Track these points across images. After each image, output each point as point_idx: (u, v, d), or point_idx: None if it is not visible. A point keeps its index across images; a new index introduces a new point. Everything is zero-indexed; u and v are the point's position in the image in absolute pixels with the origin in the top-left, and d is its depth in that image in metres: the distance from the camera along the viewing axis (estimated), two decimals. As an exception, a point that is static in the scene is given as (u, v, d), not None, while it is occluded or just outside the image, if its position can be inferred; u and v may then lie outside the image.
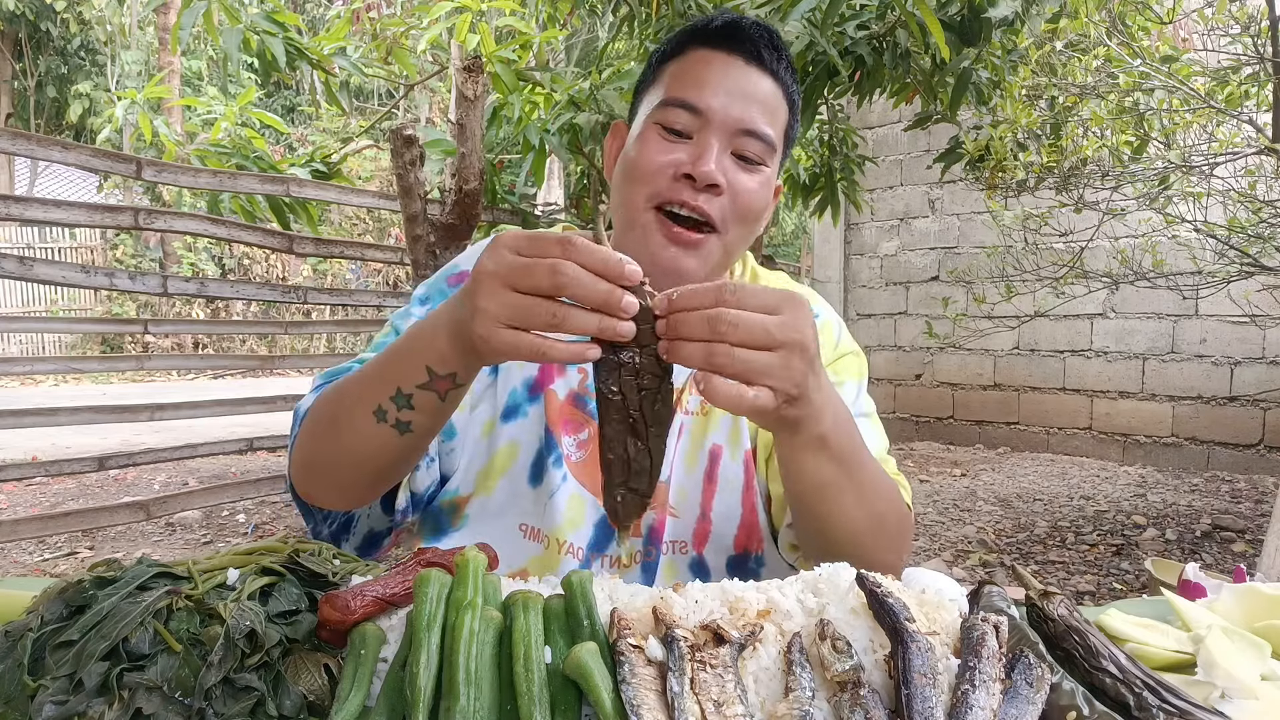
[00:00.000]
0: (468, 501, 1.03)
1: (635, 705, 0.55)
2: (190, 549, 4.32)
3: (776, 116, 1.00)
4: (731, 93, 0.96)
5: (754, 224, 1.01)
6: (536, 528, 1.01)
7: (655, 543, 1.02)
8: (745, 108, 0.96)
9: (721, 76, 0.97)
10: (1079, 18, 3.51)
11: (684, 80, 0.98)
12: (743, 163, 0.97)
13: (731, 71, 0.98)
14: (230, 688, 0.61)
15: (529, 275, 0.68)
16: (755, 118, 0.97)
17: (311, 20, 13.22)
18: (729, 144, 0.96)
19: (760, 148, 0.97)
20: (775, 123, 0.99)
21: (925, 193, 7.13)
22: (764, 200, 1.00)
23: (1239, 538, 4.23)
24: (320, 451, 0.87)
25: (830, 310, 1.14)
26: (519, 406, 1.04)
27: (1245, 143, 3.59)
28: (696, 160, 0.94)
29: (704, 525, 1.03)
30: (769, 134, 0.98)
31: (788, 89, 1.02)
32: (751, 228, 1.01)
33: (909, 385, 7.39)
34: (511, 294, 0.68)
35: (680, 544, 1.03)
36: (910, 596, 0.66)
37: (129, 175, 3.73)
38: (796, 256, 14.13)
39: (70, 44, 16.67)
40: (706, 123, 0.96)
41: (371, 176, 13.42)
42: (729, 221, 0.97)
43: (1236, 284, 4.18)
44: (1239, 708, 0.63)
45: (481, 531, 1.02)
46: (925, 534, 4.44)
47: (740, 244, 1.02)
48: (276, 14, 3.53)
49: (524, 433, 1.03)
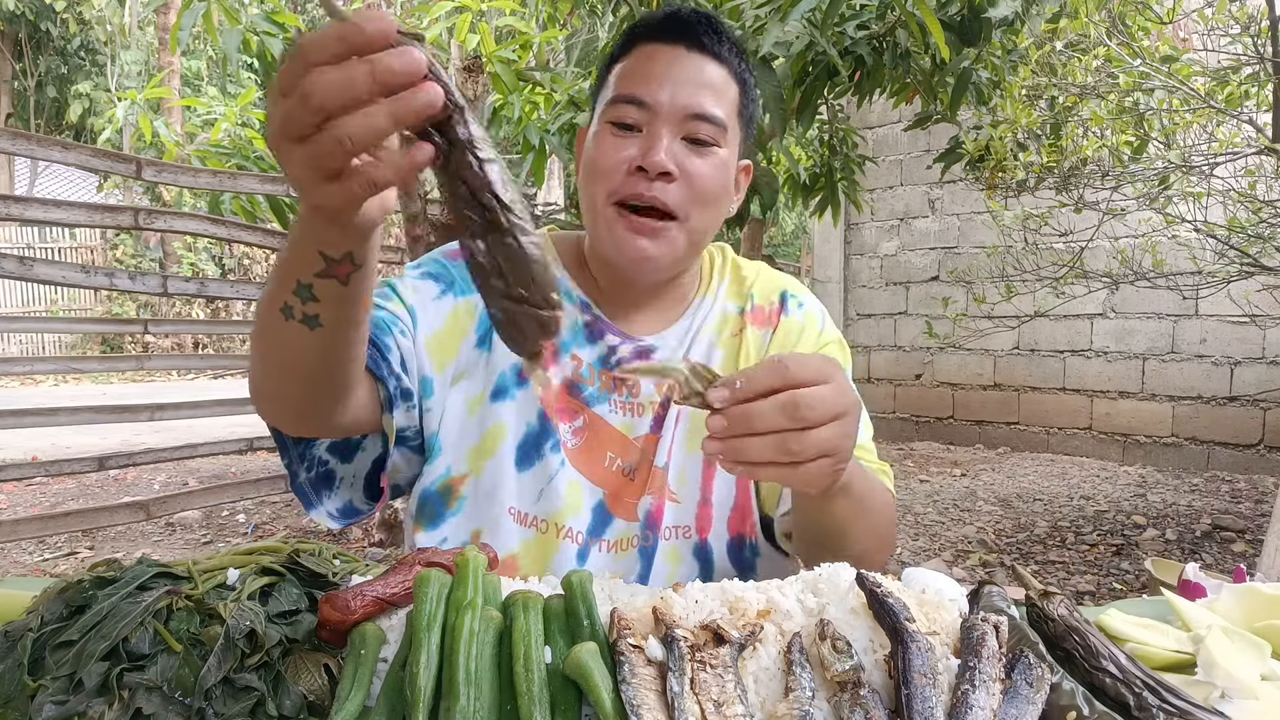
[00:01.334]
0: (463, 482, 1.03)
1: (635, 705, 0.55)
2: (190, 549, 4.32)
3: (724, 96, 1.01)
4: (676, 81, 0.99)
5: (715, 206, 1.02)
6: (526, 512, 1.02)
7: (652, 528, 1.03)
8: (690, 93, 0.98)
9: (664, 67, 1.00)
10: (1079, 18, 3.51)
11: (630, 77, 1.01)
12: (695, 146, 0.99)
13: (674, 61, 1.00)
14: (230, 688, 0.61)
15: (292, 121, 0.55)
16: (701, 101, 0.99)
17: (311, 20, 13.21)
18: (679, 131, 0.98)
19: (710, 129, 0.99)
20: (724, 102, 1.01)
21: (925, 193, 7.13)
22: (721, 181, 1.01)
23: (1239, 538, 4.23)
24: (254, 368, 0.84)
25: (813, 299, 1.15)
26: (508, 389, 1.04)
27: (1245, 143, 3.59)
28: (647, 152, 0.96)
29: (705, 510, 1.05)
30: (717, 115, 0.99)
31: (734, 68, 1.03)
32: (714, 210, 1.02)
33: (909, 385, 7.39)
34: (295, 146, 0.56)
35: (683, 529, 1.04)
36: (910, 596, 0.66)
37: (129, 175, 3.73)
38: (796, 256, 14.13)
39: (70, 44, 16.68)
40: (654, 114, 0.98)
41: (371, 176, 13.39)
42: (688, 207, 0.99)
43: (1236, 284, 4.18)
44: (1239, 708, 0.63)
45: (477, 515, 1.02)
46: (925, 534, 4.44)
47: (706, 228, 1.03)
48: (276, 14, 3.53)
49: (511, 416, 1.03)
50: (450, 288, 1.06)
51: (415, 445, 1.04)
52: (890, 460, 6.56)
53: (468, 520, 1.02)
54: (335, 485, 1.02)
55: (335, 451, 1.01)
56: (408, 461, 1.04)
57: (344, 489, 1.02)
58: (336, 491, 1.02)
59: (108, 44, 16.12)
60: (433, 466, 1.03)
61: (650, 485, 1.03)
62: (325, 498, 1.01)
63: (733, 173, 1.05)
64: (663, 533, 1.03)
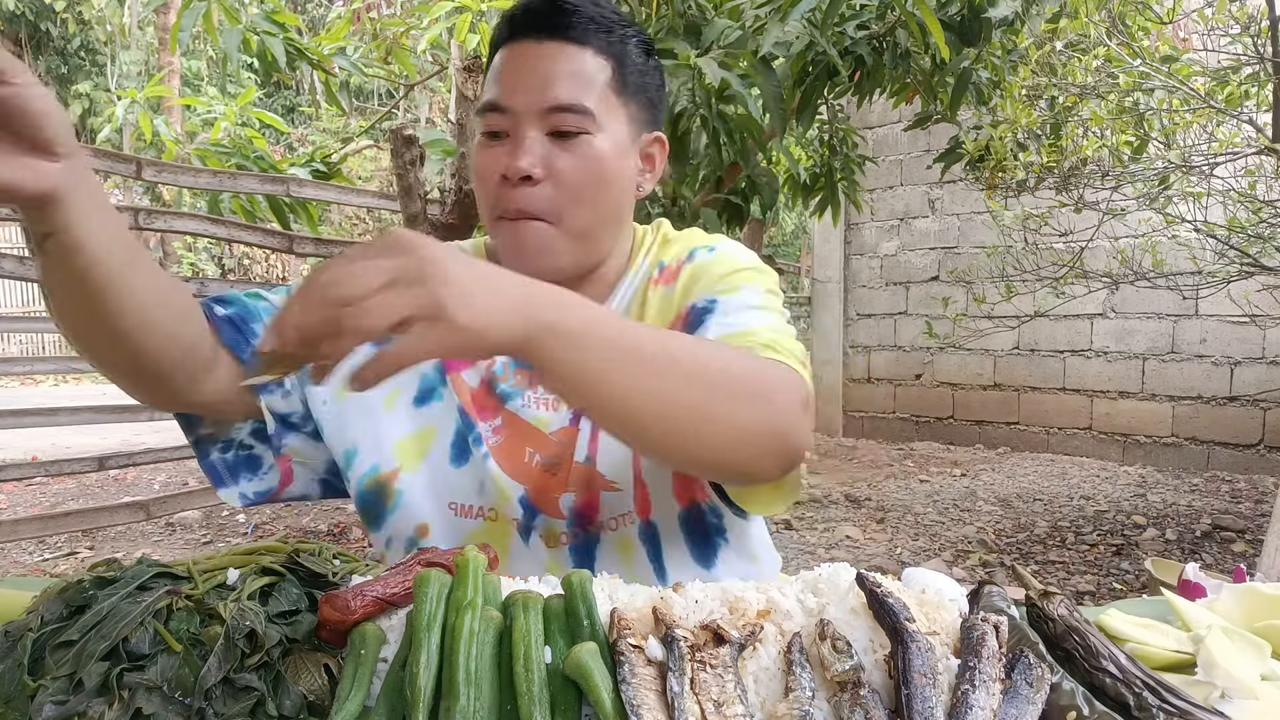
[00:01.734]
0: (396, 477, 1.01)
1: (635, 705, 0.55)
2: (190, 549, 4.32)
3: (587, 78, 0.96)
4: (529, 77, 0.95)
5: (597, 197, 0.97)
6: (469, 505, 1.01)
7: (582, 524, 1.00)
8: (545, 86, 0.94)
9: (518, 65, 0.96)
10: (1079, 18, 3.51)
11: (492, 82, 0.98)
12: (562, 141, 0.95)
13: (527, 56, 0.96)
14: (230, 688, 0.61)
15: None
16: (557, 93, 0.94)
17: (311, 20, 13.22)
18: (544, 127, 0.95)
19: (574, 119, 0.94)
20: (588, 85, 0.96)
21: (925, 193, 7.13)
22: (596, 171, 0.96)
23: (1239, 538, 4.24)
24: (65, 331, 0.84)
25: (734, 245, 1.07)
26: (434, 389, 1.04)
27: (1245, 143, 3.59)
28: (508, 159, 0.94)
29: (641, 490, 1.01)
30: (578, 102, 0.94)
31: (600, 43, 0.97)
32: (596, 202, 0.97)
33: (909, 385, 7.39)
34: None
35: (626, 515, 1.00)
36: (910, 596, 0.66)
37: (129, 175, 3.73)
38: (796, 256, 14.13)
39: (70, 44, 16.68)
40: (515, 117, 0.95)
41: (371, 176, 13.43)
42: (560, 208, 0.95)
43: (1236, 284, 4.18)
44: (1239, 708, 0.63)
45: (419, 511, 1.01)
46: (925, 534, 4.44)
47: (594, 223, 0.98)
48: (276, 14, 3.53)
49: (442, 416, 1.03)
50: None
51: (310, 432, 1.03)
52: (890, 460, 6.58)
53: (410, 516, 1.01)
54: (261, 470, 1.02)
55: (260, 436, 1.01)
56: (312, 447, 1.03)
57: (271, 475, 1.03)
58: (261, 476, 1.02)
59: (108, 44, 16.12)
60: (354, 469, 1.02)
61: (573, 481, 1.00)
62: (245, 479, 1.01)
63: (621, 156, 0.99)
64: (605, 525, 1.00)
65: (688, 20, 3.16)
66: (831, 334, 7.81)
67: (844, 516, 4.80)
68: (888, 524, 4.64)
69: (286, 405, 1.01)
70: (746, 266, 1.02)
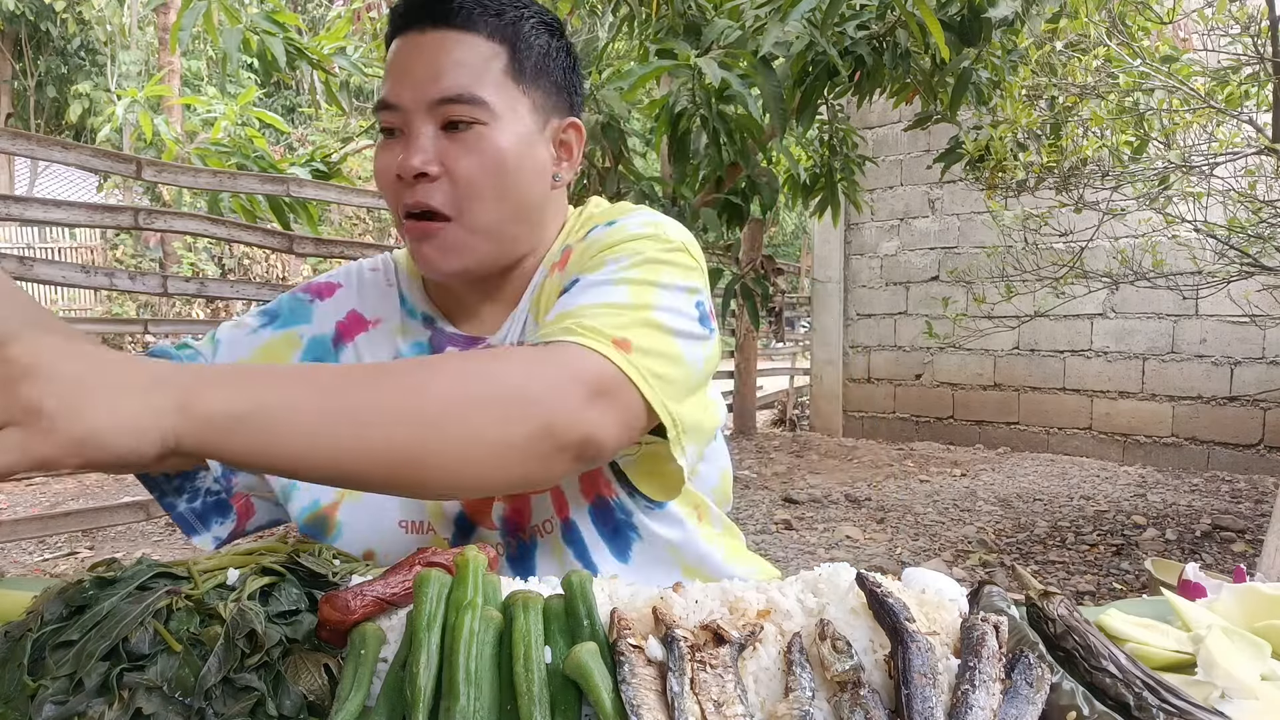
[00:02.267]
0: (336, 508, 0.98)
1: (635, 705, 0.55)
2: (190, 549, 4.32)
3: (478, 66, 0.90)
4: (415, 69, 0.90)
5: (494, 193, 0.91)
6: (419, 520, 0.98)
7: (514, 532, 0.97)
8: (433, 79, 0.89)
9: (404, 59, 0.91)
10: (1079, 18, 3.51)
11: (385, 79, 0.93)
12: (455, 134, 0.90)
13: (411, 49, 0.91)
14: (230, 688, 0.61)
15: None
16: (442, 85, 0.89)
17: (311, 20, 13.22)
18: (436, 121, 0.90)
19: (464, 109, 0.89)
20: (479, 74, 0.90)
21: (925, 193, 7.13)
22: (494, 163, 0.90)
23: (1239, 538, 4.24)
24: None
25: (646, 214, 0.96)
26: None
27: (1245, 143, 3.59)
28: (401, 157, 0.89)
29: (557, 491, 0.96)
30: (468, 92, 0.89)
31: (490, 28, 0.91)
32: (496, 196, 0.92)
33: (909, 385, 7.39)
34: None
35: (548, 521, 0.97)
36: (910, 596, 0.66)
37: (129, 175, 3.73)
38: (796, 256, 14.15)
39: (70, 44, 16.68)
40: (405, 114, 0.90)
41: (371, 176, 13.40)
42: (459, 204, 0.90)
43: (1236, 284, 4.18)
44: (1239, 708, 0.63)
45: (362, 537, 0.97)
46: (925, 534, 4.44)
47: (499, 219, 0.93)
48: (276, 14, 3.53)
49: None
50: (273, 322, 1.03)
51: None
52: (890, 460, 6.58)
53: (352, 545, 0.96)
54: (230, 514, 1.01)
55: (226, 480, 1.00)
56: (260, 481, 1.01)
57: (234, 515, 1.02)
58: (232, 518, 1.01)
59: (108, 44, 16.12)
60: (294, 503, 0.99)
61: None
62: (216, 524, 1.00)
63: (524, 143, 0.92)
64: (539, 529, 0.97)
65: (688, 20, 3.16)
66: (831, 334, 7.81)
67: (844, 516, 4.80)
68: (888, 524, 4.64)
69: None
70: (634, 236, 0.91)
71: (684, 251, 0.92)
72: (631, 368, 0.78)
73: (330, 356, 1.03)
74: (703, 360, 0.89)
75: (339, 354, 1.03)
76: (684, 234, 0.95)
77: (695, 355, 0.87)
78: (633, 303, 0.83)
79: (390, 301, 1.05)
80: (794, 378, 8.97)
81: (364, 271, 1.08)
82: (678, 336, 0.85)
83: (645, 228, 0.92)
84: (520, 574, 0.92)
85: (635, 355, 0.79)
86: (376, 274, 1.08)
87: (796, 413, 8.78)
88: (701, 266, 0.94)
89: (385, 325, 1.04)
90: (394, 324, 1.04)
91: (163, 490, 0.99)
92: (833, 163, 4.18)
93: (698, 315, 0.90)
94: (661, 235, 0.92)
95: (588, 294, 0.84)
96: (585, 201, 1.06)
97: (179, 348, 1.00)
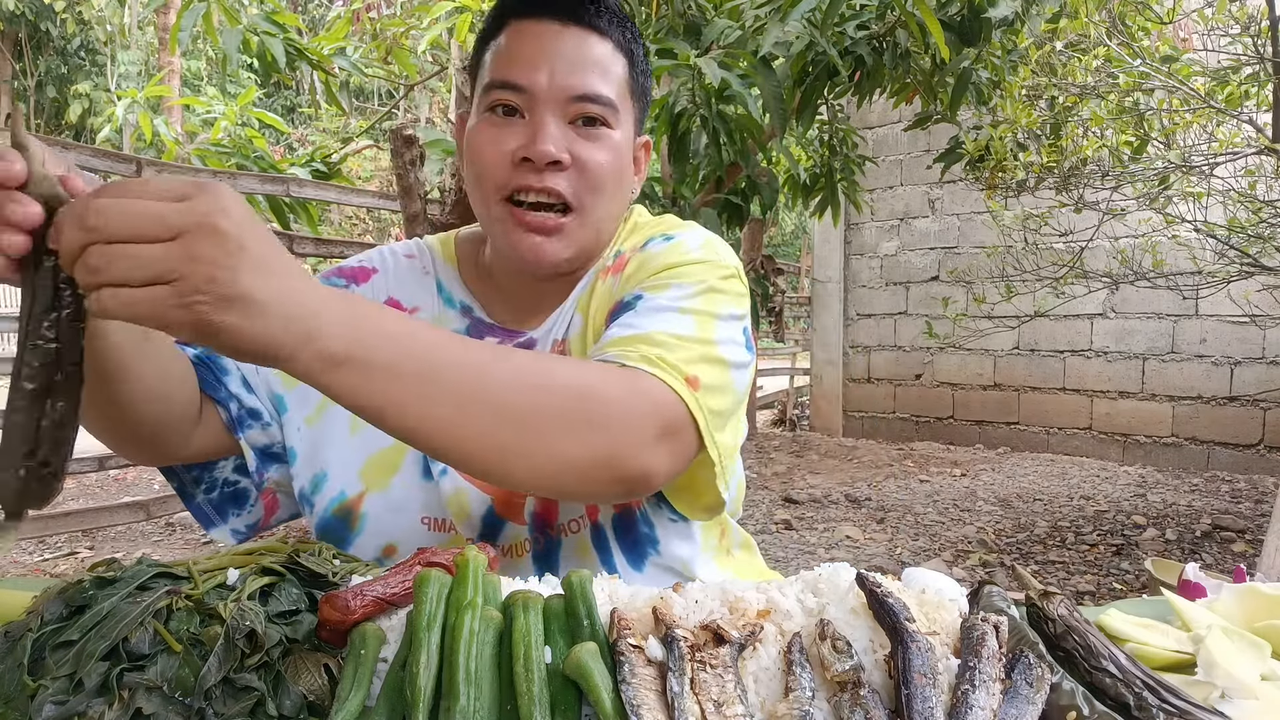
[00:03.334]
0: (361, 500, 0.98)
1: (635, 705, 0.55)
2: (190, 549, 4.32)
3: (610, 71, 0.93)
4: (554, 60, 0.90)
5: (613, 192, 0.95)
6: (440, 518, 0.98)
7: (543, 529, 0.96)
8: (571, 73, 0.90)
9: (540, 45, 0.91)
10: (1079, 18, 3.51)
11: (504, 59, 0.92)
12: (585, 130, 0.91)
13: (550, 38, 0.91)
14: (230, 688, 0.61)
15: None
16: (585, 81, 0.90)
17: (311, 20, 13.22)
18: (565, 115, 0.91)
19: (599, 109, 0.91)
20: (610, 79, 0.92)
21: (925, 193, 7.13)
22: (615, 166, 0.93)
23: (1239, 538, 4.24)
24: None
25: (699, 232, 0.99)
26: None
27: (1245, 143, 3.59)
28: (531, 140, 0.89)
29: None
30: (604, 94, 0.91)
31: (619, 39, 0.94)
32: (611, 196, 0.95)
33: (909, 385, 7.39)
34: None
35: (578, 519, 0.96)
36: (910, 596, 0.66)
37: (129, 175, 3.73)
38: (796, 256, 14.15)
39: (70, 44, 16.68)
40: (535, 99, 0.90)
41: (371, 176, 13.42)
42: (583, 196, 0.92)
43: (1236, 284, 4.18)
44: (1239, 708, 0.63)
45: (384, 529, 0.97)
46: (925, 534, 4.44)
47: (606, 215, 0.96)
48: (276, 14, 3.53)
49: None
50: None
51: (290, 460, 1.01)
52: (890, 460, 6.58)
53: (375, 538, 0.97)
54: (248, 503, 1.01)
55: (243, 471, 1.00)
56: (288, 474, 1.01)
57: (257, 507, 1.02)
58: (249, 509, 1.01)
59: (107, 44, 16.12)
60: (322, 494, 0.98)
61: None
62: (233, 516, 1.00)
63: (629, 153, 0.97)
64: (565, 528, 0.97)
65: (688, 20, 3.16)
66: (831, 334, 7.81)
67: (844, 516, 4.80)
68: (888, 524, 4.64)
69: (266, 437, 0.99)
70: (694, 261, 0.93)
71: (736, 278, 0.95)
72: (698, 408, 0.80)
73: None
74: (745, 385, 0.91)
75: None
76: (734, 257, 0.98)
77: (741, 382, 0.90)
78: (698, 336, 0.85)
79: (427, 289, 1.04)
80: (794, 378, 8.97)
81: (399, 257, 1.07)
82: (732, 369, 0.88)
83: (703, 251, 0.95)
84: (544, 570, 0.93)
85: (702, 393, 0.81)
86: (413, 261, 1.07)
87: (796, 413, 8.78)
88: (747, 290, 0.97)
89: (424, 314, 1.03)
90: (432, 313, 1.03)
91: (181, 480, 0.99)
92: (833, 163, 4.18)
93: (744, 341, 0.92)
94: (719, 261, 0.94)
95: (656, 319, 0.86)
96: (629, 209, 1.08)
97: None
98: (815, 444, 7.36)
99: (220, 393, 0.95)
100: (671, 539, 0.99)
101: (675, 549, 0.99)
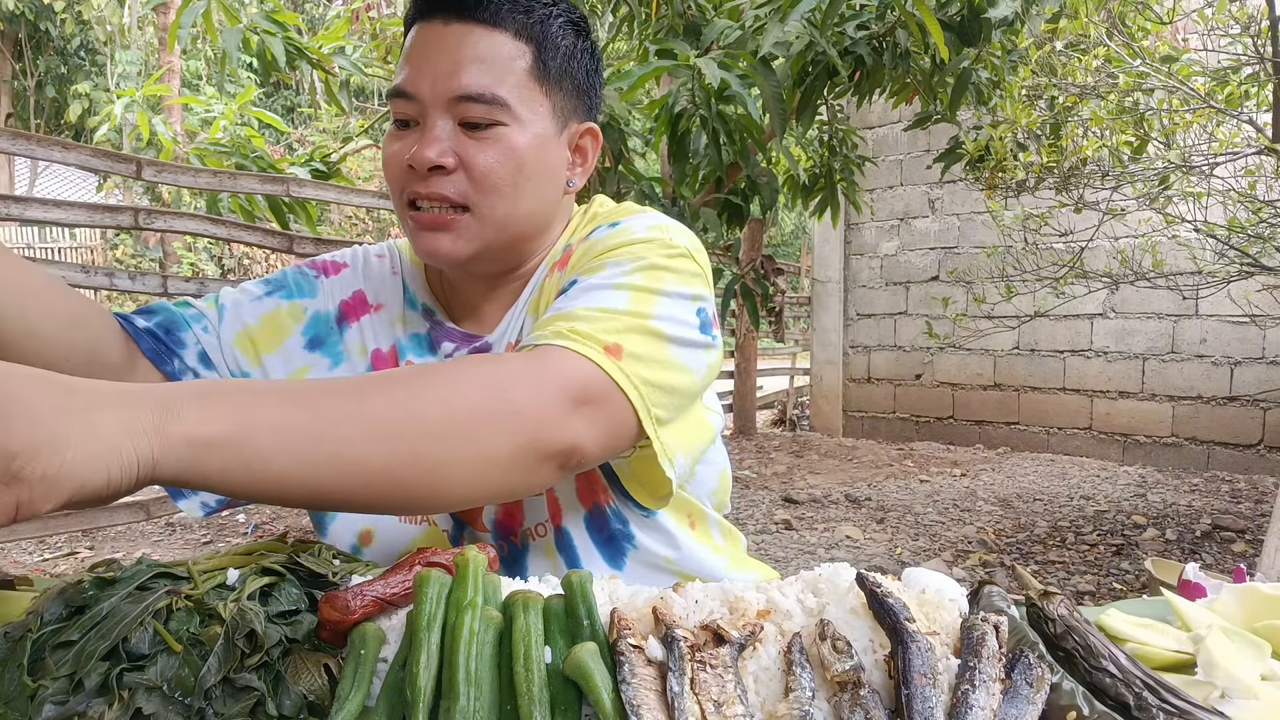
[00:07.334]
0: None
1: (635, 705, 0.55)
2: (190, 549, 4.32)
3: (503, 65, 0.88)
4: (438, 63, 0.87)
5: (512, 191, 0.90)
6: None
7: (506, 535, 0.96)
8: (454, 74, 0.87)
9: (425, 49, 0.89)
10: (1079, 18, 3.51)
11: (402, 66, 0.91)
12: (473, 131, 0.88)
13: (434, 39, 0.89)
14: (230, 688, 0.61)
15: None
16: (469, 81, 0.87)
17: (311, 20, 13.21)
18: (453, 116, 0.88)
19: (483, 109, 0.87)
20: (502, 73, 0.88)
21: (925, 193, 7.13)
22: (512, 165, 0.89)
23: (1239, 538, 4.24)
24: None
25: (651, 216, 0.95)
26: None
27: (1245, 143, 3.59)
28: (414, 148, 0.88)
29: (551, 494, 0.95)
30: (489, 92, 0.87)
31: (519, 25, 0.89)
32: (514, 194, 0.90)
33: (909, 385, 7.39)
34: None
35: (542, 525, 0.96)
36: (910, 596, 0.66)
37: (128, 175, 3.72)
38: (796, 256, 14.15)
39: (70, 44, 16.68)
40: (422, 105, 0.88)
41: (371, 176, 13.42)
42: (472, 197, 0.89)
43: (1236, 284, 4.18)
44: (1239, 708, 0.63)
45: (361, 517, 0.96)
46: (925, 534, 4.44)
47: (514, 213, 0.91)
48: (276, 14, 3.53)
49: None
50: (278, 290, 1.02)
51: None
52: (890, 460, 6.59)
53: (352, 524, 0.97)
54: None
55: None
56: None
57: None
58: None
59: (107, 44, 16.11)
60: None
61: None
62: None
63: (542, 147, 0.91)
64: (530, 534, 0.96)
65: (688, 20, 3.16)
66: (831, 334, 7.82)
67: (844, 516, 4.80)
68: (888, 524, 4.64)
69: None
70: (637, 240, 0.90)
71: (687, 257, 0.90)
72: (621, 374, 0.77)
73: (332, 333, 1.03)
74: (704, 368, 0.88)
75: (342, 332, 1.03)
76: (689, 239, 0.93)
77: (696, 363, 0.87)
78: (631, 309, 0.82)
79: (394, 289, 1.06)
80: (794, 378, 8.97)
81: (370, 256, 1.09)
82: (676, 344, 0.84)
83: (650, 231, 0.91)
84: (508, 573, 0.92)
85: (626, 361, 0.78)
86: (383, 260, 1.09)
87: (796, 413, 8.78)
88: (706, 273, 0.93)
89: (387, 312, 1.04)
90: (396, 312, 1.04)
91: None
92: (832, 163, 4.19)
93: (699, 323, 0.89)
94: (666, 240, 0.90)
95: (585, 297, 0.83)
96: (590, 200, 1.05)
97: (179, 304, 0.99)
98: (815, 444, 7.36)
99: (171, 365, 0.93)
100: (646, 532, 0.98)
101: (651, 543, 0.99)
